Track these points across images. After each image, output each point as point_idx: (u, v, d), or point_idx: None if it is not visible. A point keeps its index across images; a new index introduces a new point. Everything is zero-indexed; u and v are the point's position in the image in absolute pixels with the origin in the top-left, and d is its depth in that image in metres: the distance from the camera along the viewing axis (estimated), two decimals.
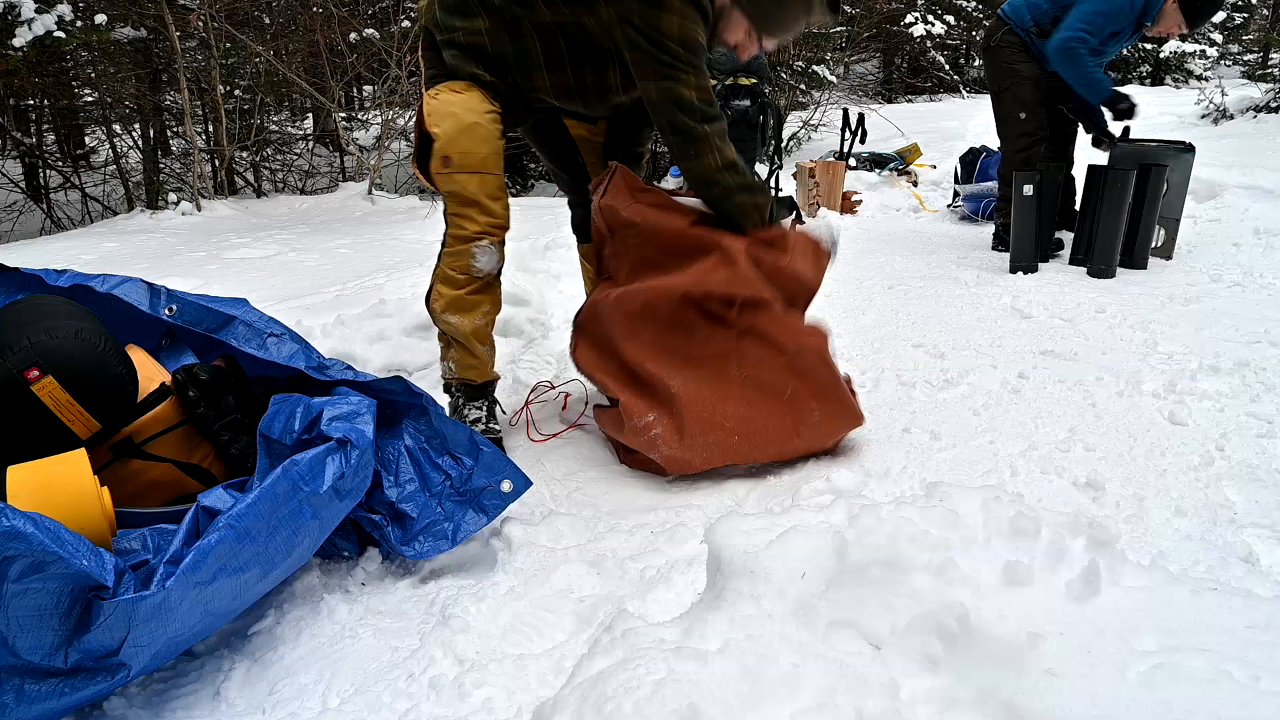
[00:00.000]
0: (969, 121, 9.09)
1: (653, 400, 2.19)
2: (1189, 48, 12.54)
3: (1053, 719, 1.06)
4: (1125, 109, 4.09)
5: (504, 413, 2.43)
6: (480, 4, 2.15)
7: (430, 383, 2.47)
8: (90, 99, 7.79)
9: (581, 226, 2.66)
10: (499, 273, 2.28)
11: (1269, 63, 11.52)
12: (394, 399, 1.93)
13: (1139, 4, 3.91)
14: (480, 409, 2.34)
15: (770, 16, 2.05)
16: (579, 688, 1.20)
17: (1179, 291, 3.61)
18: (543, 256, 3.83)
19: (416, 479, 1.88)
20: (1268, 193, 4.99)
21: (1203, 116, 8.06)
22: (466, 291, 2.23)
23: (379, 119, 7.56)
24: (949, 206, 5.63)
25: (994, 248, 4.54)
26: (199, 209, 6.07)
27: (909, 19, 12.73)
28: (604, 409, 2.38)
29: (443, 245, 2.24)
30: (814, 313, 2.37)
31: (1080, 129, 4.62)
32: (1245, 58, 13.33)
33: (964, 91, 13.17)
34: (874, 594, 1.30)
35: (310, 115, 8.72)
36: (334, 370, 1.93)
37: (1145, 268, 4.00)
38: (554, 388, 2.73)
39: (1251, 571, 1.73)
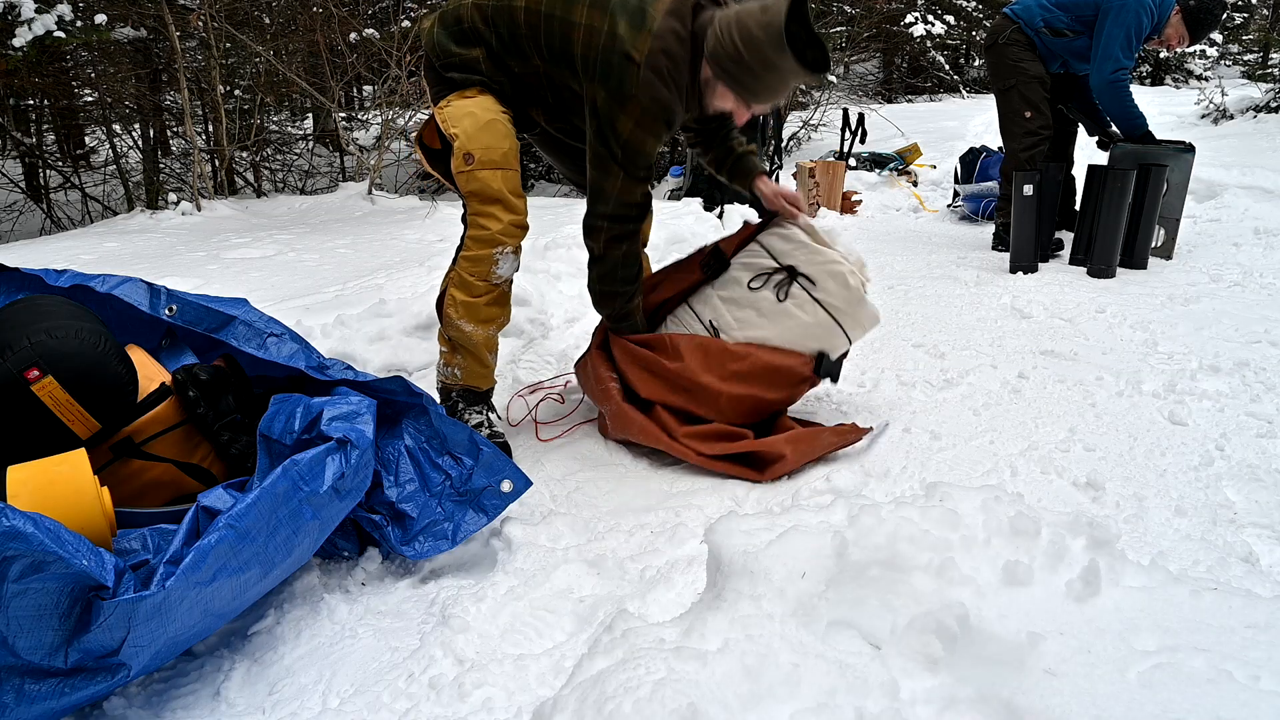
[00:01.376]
0: (969, 121, 9.09)
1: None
2: (1189, 47, 12.49)
3: (1053, 719, 1.06)
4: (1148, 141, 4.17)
5: (500, 417, 2.44)
6: (479, 39, 2.17)
7: (430, 383, 2.47)
8: (90, 99, 7.77)
9: None
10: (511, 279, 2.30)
11: (1269, 63, 11.51)
12: (394, 399, 1.93)
13: (1156, 18, 3.93)
14: (480, 413, 2.35)
15: (750, 88, 2.08)
16: (579, 688, 1.20)
17: (1179, 291, 3.61)
18: (543, 256, 3.82)
19: (416, 479, 1.88)
20: (1268, 193, 4.99)
21: (1203, 116, 8.05)
22: (484, 301, 2.23)
23: (379, 119, 7.54)
24: (949, 206, 5.63)
25: (994, 248, 4.54)
26: (199, 209, 6.06)
27: (909, 19, 12.70)
28: (582, 363, 2.51)
29: (460, 248, 2.24)
30: None
31: (1081, 129, 4.63)
32: (1245, 58, 13.30)
33: (964, 91, 13.15)
34: (874, 594, 1.30)
35: (310, 115, 8.71)
36: (334, 370, 1.93)
37: (1145, 268, 4.00)
38: (543, 386, 2.74)
39: (1251, 571, 1.73)
